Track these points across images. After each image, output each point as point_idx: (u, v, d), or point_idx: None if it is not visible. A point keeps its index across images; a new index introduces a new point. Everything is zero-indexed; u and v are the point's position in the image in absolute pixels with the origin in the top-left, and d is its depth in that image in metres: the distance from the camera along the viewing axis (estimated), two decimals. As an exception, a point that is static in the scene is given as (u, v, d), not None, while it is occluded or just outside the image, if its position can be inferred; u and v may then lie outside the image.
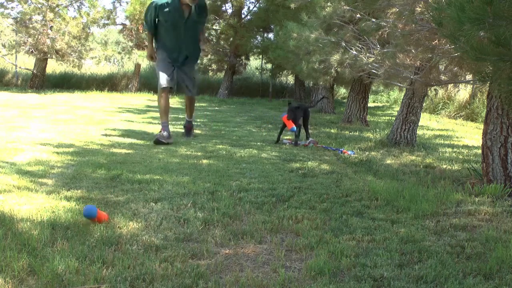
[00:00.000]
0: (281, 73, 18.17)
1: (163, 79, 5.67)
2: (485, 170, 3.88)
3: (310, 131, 6.48)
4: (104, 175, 3.71)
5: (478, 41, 2.38)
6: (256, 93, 18.64)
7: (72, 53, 14.14)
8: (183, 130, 6.32)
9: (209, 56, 18.10)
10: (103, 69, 20.50)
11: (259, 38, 17.47)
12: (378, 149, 5.96)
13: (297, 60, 9.13)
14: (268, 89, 17.84)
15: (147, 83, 18.17)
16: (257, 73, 20.33)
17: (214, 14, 16.82)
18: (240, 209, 2.94)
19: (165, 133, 5.48)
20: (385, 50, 5.06)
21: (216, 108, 12.77)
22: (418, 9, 4.05)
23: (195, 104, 6.59)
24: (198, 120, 9.02)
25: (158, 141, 5.38)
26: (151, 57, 5.90)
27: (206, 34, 17.58)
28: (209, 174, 3.95)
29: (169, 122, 5.79)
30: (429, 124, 10.47)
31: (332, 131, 7.95)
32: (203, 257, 2.18)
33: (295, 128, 5.66)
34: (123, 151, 4.97)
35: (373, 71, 5.44)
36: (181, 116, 9.63)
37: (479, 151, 4.72)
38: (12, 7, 14.34)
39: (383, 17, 4.93)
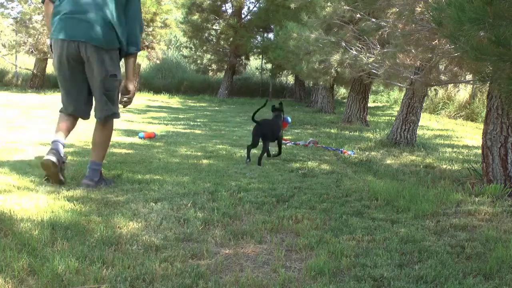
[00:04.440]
0: (281, 73, 18.17)
1: None
2: (485, 170, 3.88)
3: (310, 131, 6.47)
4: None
5: (478, 41, 2.38)
6: (256, 93, 18.66)
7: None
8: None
9: (209, 56, 18.12)
10: (103, 69, 20.48)
11: (259, 38, 17.47)
12: (378, 149, 5.96)
13: (297, 60, 9.14)
14: (268, 89, 17.86)
15: (147, 83, 18.19)
16: (257, 73, 20.34)
17: (214, 14, 16.80)
18: (240, 209, 2.94)
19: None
20: (385, 50, 5.05)
21: (216, 108, 12.77)
22: (418, 9, 4.05)
23: None
24: (198, 120, 9.02)
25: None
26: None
27: (206, 34, 17.60)
28: (209, 174, 3.95)
29: (170, 123, 5.69)
30: (429, 124, 10.47)
31: (332, 131, 7.95)
32: (203, 257, 2.18)
33: None
34: (123, 151, 4.97)
35: (373, 71, 5.44)
36: (180, 116, 9.64)
37: (479, 151, 4.72)
38: (12, 7, 14.37)
39: (383, 17, 4.93)
